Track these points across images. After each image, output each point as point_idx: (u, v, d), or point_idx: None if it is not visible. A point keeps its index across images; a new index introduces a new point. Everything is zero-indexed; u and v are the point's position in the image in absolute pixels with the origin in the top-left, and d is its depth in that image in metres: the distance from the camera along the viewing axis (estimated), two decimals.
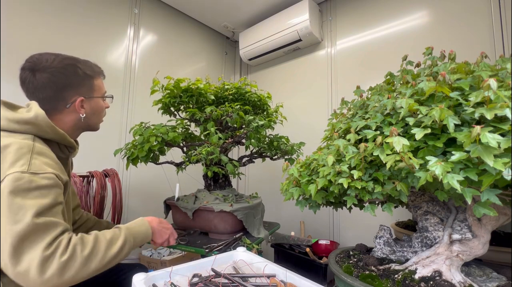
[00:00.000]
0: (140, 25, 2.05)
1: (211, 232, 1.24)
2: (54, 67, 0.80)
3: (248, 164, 1.50)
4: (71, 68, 0.83)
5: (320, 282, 1.05)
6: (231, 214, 1.17)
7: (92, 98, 0.89)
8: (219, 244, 1.09)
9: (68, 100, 0.84)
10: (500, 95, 0.50)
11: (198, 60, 2.51)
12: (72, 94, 0.84)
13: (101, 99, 0.93)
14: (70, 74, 0.83)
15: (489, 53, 1.35)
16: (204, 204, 1.24)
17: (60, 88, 0.82)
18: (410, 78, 0.79)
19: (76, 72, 0.84)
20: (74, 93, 0.84)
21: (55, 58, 0.82)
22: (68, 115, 0.85)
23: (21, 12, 1.53)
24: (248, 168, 2.55)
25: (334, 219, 1.93)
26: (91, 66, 0.90)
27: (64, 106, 0.83)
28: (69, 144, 0.84)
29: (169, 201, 1.38)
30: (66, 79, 0.82)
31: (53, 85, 0.80)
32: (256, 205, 1.29)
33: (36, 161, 0.67)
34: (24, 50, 1.52)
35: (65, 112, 0.84)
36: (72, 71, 0.83)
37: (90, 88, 0.88)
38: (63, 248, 0.63)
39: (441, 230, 0.75)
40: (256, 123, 1.25)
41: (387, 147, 0.58)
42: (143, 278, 0.67)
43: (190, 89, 1.32)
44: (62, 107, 0.83)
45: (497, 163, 0.45)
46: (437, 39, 1.57)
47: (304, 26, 2.01)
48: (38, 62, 0.80)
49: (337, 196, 0.73)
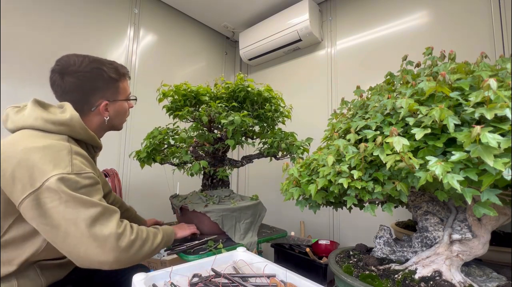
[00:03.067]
0: (140, 25, 2.05)
1: None
2: (81, 72, 0.82)
3: (247, 164, 1.50)
4: (97, 72, 0.85)
5: (320, 282, 1.04)
6: (205, 215, 1.13)
7: (117, 101, 0.91)
8: (181, 248, 1.05)
9: (94, 103, 0.86)
10: (500, 95, 0.50)
11: (198, 60, 2.51)
12: (97, 97, 0.86)
13: (125, 101, 0.95)
14: (96, 78, 0.85)
15: (489, 53, 1.35)
16: (186, 203, 1.24)
17: (87, 92, 0.84)
18: (410, 78, 0.79)
19: (102, 76, 0.86)
20: (100, 97, 0.87)
21: (82, 61, 0.84)
22: (94, 117, 0.88)
23: (21, 12, 1.53)
24: (248, 168, 2.55)
25: (334, 219, 1.93)
26: (117, 68, 0.91)
27: (90, 109, 0.86)
28: (97, 144, 0.88)
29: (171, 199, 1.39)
30: (92, 83, 0.84)
31: (80, 89, 0.83)
32: (241, 208, 1.21)
33: (76, 162, 0.70)
34: (23, 50, 1.53)
35: (91, 115, 0.87)
36: (98, 74, 0.85)
37: (115, 91, 0.90)
38: (130, 229, 0.73)
39: (441, 230, 0.75)
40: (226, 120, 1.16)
41: (387, 147, 0.58)
42: (143, 278, 0.67)
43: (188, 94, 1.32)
44: (87, 110, 0.86)
45: (497, 163, 0.45)
46: (437, 39, 1.57)
47: (304, 26, 2.01)
48: (66, 65, 0.82)
49: (337, 196, 0.73)
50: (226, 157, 1.45)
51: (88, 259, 0.67)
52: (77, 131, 0.78)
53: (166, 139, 1.29)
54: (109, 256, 0.67)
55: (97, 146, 0.89)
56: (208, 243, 1.09)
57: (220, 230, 1.16)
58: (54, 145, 0.69)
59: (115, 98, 0.90)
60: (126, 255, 0.71)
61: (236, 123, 1.15)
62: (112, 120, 0.91)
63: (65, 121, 0.74)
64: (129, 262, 0.73)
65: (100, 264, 0.68)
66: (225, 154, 1.44)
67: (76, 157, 0.71)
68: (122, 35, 1.95)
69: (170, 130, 1.36)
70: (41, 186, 0.64)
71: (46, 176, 0.64)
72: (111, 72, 0.88)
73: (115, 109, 0.91)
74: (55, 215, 0.64)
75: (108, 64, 0.89)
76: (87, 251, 0.66)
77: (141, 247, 0.76)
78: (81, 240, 0.65)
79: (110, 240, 0.67)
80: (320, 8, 2.17)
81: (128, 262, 0.72)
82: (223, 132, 1.30)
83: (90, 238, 0.65)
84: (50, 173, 0.64)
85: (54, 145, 0.69)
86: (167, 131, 1.34)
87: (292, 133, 1.44)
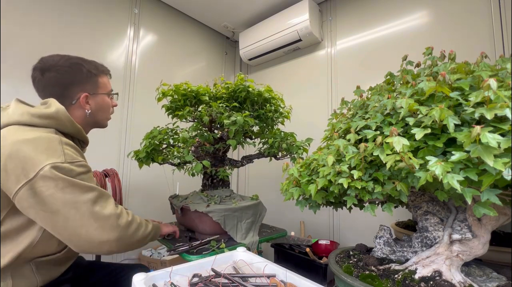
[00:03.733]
0: (140, 25, 2.05)
1: (196, 232, 1.24)
2: (60, 66, 0.85)
3: (247, 164, 1.50)
4: (76, 67, 0.87)
5: (320, 282, 1.04)
6: (207, 215, 1.13)
7: (97, 94, 0.92)
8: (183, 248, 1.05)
9: (74, 97, 0.88)
10: (500, 95, 0.50)
11: (198, 60, 2.51)
12: (77, 90, 0.88)
13: (106, 96, 0.96)
14: (75, 72, 0.87)
15: (489, 53, 1.35)
16: (187, 203, 1.23)
17: (66, 86, 0.86)
18: (410, 78, 0.79)
19: (80, 70, 0.88)
20: (79, 90, 0.88)
21: (62, 57, 0.87)
22: (76, 111, 0.89)
23: (21, 12, 1.53)
24: (248, 168, 2.55)
25: (334, 219, 1.93)
26: (96, 65, 0.94)
27: (71, 102, 0.87)
28: (83, 139, 0.89)
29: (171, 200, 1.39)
30: (71, 76, 0.86)
31: (59, 83, 0.85)
32: (242, 208, 1.22)
33: (68, 151, 0.72)
34: (23, 50, 1.53)
35: (72, 108, 0.88)
36: (77, 69, 0.87)
37: (95, 85, 0.92)
38: (125, 211, 0.77)
39: (441, 230, 0.75)
40: (229, 120, 1.16)
41: (387, 147, 0.58)
42: (143, 278, 0.67)
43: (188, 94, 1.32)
44: (68, 104, 0.87)
45: (497, 163, 0.45)
46: (437, 39, 1.57)
47: (304, 26, 2.01)
48: (47, 62, 0.85)
49: (337, 196, 0.73)
50: (227, 157, 1.45)
51: (89, 240, 0.69)
52: (64, 123, 0.78)
53: (166, 139, 1.29)
54: (110, 235, 0.71)
55: (84, 140, 0.90)
56: (211, 243, 1.09)
57: (221, 230, 1.16)
58: (44, 136, 0.71)
59: (95, 92, 0.92)
60: (126, 234, 0.74)
61: (239, 123, 1.15)
62: (94, 114, 0.92)
63: (51, 114, 0.75)
64: (127, 243, 0.76)
65: (101, 244, 0.70)
66: (225, 154, 1.44)
67: (67, 147, 0.73)
68: (122, 35, 1.95)
69: (170, 130, 1.36)
70: (36, 175, 0.65)
71: (40, 165, 0.65)
72: (91, 67, 0.91)
73: (96, 103, 0.92)
74: (53, 201, 0.66)
75: (88, 61, 0.92)
76: (88, 232, 0.68)
77: (137, 230, 0.80)
78: (82, 222, 0.68)
79: (111, 219, 0.71)
80: (320, 8, 2.17)
81: (126, 243, 0.76)
82: (225, 132, 1.30)
83: (91, 219, 0.68)
84: (44, 163, 0.66)
85: (44, 137, 0.71)
86: (167, 131, 1.34)
87: (292, 134, 1.44)
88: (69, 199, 0.67)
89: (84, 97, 0.88)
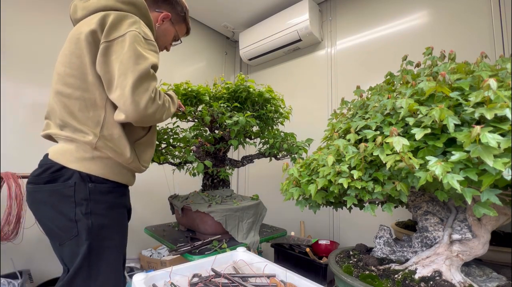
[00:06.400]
0: None
1: (197, 232, 1.24)
2: None
3: (247, 164, 1.50)
4: (180, 1, 1.01)
5: (320, 282, 1.04)
6: (209, 215, 1.13)
7: (172, 25, 1.02)
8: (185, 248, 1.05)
9: (160, 8, 0.98)
10: (500, 95, 0.50)
11: (198, 60, 2.51)
12: (167, 7, 0.99)
13: (174, 33, 1.05)
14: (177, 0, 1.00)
15: (489, 53, 1.35)
16: (188, 203, 1.23)
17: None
18: (410, 78, 0.79)
19: (180, 4, 1.01)
20: (169, 9, 0.99)
21: None
22: None
23: (21, 12, 1.53)
24: (248, 168, 2.55)
25: (334, 219, 1.93)
26: (188, 18, 1.07)
27: (155, 8, 0.97)
28: (152, 31, 0.95)
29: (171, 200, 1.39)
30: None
31: None
32: (244, 208, 1.22)
33: (146, 31, 0.82)
34: (23, 50, 1.53)
35: (150, 11, 0.94)
36: (179, 1, 1.01)
37: (176, 19, 1.02)
38: (159, 95, 0.82)
39: (441, 230, 0.75)
40: (231, 121, 1.17)
41: (387, 147, 0.58)
42: (143, 278, 0.67)
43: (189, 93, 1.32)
44: (153, 6, 0.96)
45: (497, 163, 0.45)
46: (437, 39, 1.57)
47: (304, 26, 2.00)
48: None
49: (337, 196, 0.73)
50: (227, 157, 1.45)
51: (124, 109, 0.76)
52: (142, 12, 0.87)
53: (166, 139, 1.29)
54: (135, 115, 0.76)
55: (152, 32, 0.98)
56: (213, 243, 1.09)
57: (222, 230, 1.16)
58: (130, 16, 0.82)
59: (174, 23, 1.02)
60: (152, 110, 0.80)
61: (241, 123, 1.16)
62: (157, 33, 0.99)
63: (132, 1, 0.85)
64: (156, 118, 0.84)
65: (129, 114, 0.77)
66: (226, 154, 1.44)
67: (145, 28, 0.83)
68: None
69: (170, 129, 1.36)
70: (115, 39, 0.76)
71: (124, 31, 0.77)
72: (186, 13, 1.04)
73: (165, 28, 1.01)
74: (113, 66, 0.75)
75: (186, 9, 1.04)
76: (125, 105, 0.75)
77: (163, 111, 0.86)
78: (123, 99, 0.74)
79: (142, 103, 0.76)
80: (320, 8, 2.17)
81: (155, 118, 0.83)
82: (226, 132, 1.30)
83: (129, 95, 0.74)
84: (128, 29, 0.77)
85: (130, 16, 0.81)
86: (167, 131, 1.34)
87: (292, 134, 1.44)
88: (128, 59, 0.75)
89: (165, 15, 0.97)
